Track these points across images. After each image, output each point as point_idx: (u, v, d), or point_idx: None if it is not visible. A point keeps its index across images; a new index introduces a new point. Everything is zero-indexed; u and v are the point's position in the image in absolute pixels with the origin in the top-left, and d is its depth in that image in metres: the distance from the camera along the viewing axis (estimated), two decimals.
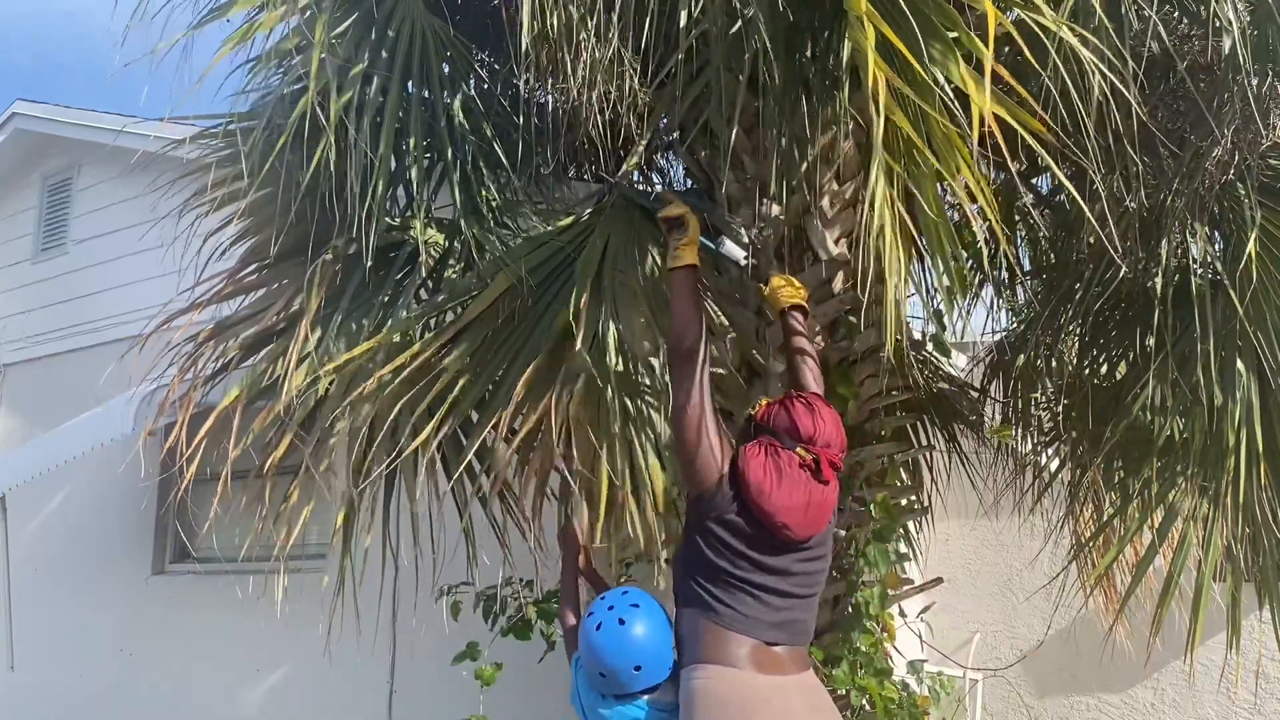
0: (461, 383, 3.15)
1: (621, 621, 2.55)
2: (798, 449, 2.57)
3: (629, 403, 3.20)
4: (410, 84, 3.31)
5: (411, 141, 3.27)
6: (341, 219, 3.13)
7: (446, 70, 3.39)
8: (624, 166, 3.37)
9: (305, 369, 3.23)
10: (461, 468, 3.19)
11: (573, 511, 3.24)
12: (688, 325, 2.66)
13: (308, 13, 3.16)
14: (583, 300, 3.07)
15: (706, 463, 2.57)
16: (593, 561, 3.11)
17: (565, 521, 3.18)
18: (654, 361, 3.28)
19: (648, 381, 3.29)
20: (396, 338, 3.24)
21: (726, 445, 2.62)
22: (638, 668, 2.53)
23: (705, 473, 2.57)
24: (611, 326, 3.12)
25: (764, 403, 2.73)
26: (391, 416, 3.16)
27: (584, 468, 3.14)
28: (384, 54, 3.25)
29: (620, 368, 3.18)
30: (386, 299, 3.37)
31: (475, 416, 3.27)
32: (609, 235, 3.23)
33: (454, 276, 3.36)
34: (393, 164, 3.22)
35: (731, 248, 3.03)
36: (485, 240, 3.26)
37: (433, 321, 3.34)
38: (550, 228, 3.34)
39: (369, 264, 3.22)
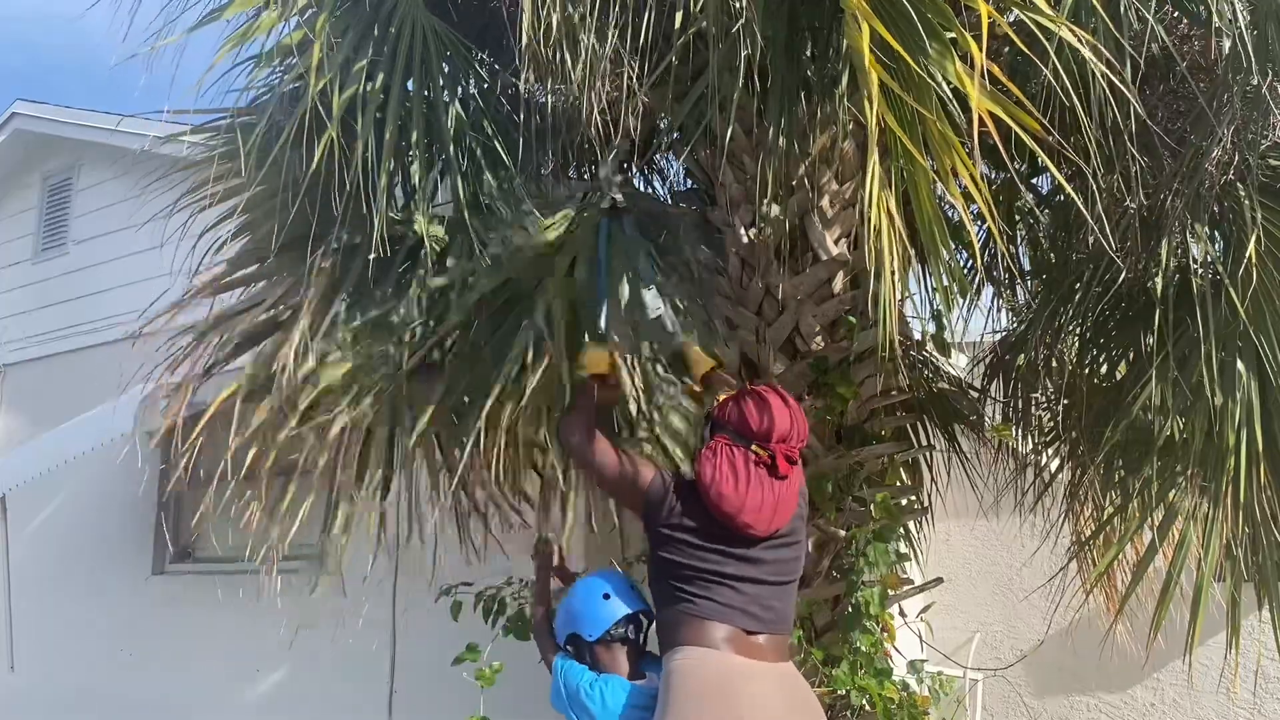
0: (450, 380, 3.22)
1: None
2: (753, 446, 2.57)
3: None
4: (411, 82, 3.31)
5: (414, 137, 3.27)
6: (341, 213, 3.13)
7: (447, 69, 3.39)
8: (603, 172, 3.37)
9: (300, 367, 3.23)
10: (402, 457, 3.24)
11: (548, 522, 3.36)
12: (575, 423, 2.79)
13: (307, 13, 3.17)
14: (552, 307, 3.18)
15: (630, 485, 2.67)
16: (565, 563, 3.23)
17: (538, 541, 3.27)
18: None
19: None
20: (391, 334, 3.26)
21: (633, 458, 2.70)
22: (606, 595, 2.76)
23: (634, 493, 2.68)
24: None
25: (721, 399, 2.74)
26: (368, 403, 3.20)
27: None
28: (385, 52, 3.26)
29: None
30: (385, 293, 3.37)
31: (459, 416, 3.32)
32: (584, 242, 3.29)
33: (445, 279, 3.37)
34: (392, 161, 3.22)
35: (650, 299, 3.09)
36: (485, 238, 3.26)
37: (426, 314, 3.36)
38: (538, 230, 3.36)
39: (370, 257, 3.23)
